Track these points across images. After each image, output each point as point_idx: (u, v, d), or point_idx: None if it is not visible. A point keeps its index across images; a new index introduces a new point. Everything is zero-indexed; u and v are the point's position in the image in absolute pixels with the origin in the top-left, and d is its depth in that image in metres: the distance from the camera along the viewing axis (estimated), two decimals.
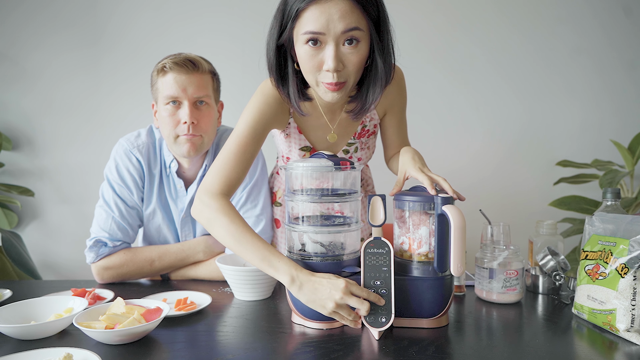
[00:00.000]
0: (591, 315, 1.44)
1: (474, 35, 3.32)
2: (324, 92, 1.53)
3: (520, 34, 3.32)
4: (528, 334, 1.39)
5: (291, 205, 1.49)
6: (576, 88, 3.34)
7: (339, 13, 1.40)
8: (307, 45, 1.46)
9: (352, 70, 1.49)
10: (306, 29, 1.43)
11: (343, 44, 1.45)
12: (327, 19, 1.40)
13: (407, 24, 3.28)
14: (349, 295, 1.34)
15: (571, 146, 3.36)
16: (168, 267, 1.95)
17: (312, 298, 1.36)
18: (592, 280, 1.45)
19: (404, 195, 1.44)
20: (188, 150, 1.90)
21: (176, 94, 1.86)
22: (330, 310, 1.34)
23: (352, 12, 1.41)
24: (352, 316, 1.37)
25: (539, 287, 1.76)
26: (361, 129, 1.86)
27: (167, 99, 1.87)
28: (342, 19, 1.40)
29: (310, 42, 1.45)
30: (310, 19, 1.42)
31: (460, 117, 3.35)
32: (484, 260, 1.66)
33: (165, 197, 2.04)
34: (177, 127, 1.89)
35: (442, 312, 1.42)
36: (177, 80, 1.86)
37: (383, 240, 1.40)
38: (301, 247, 1.45)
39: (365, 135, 1.89)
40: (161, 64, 1.89)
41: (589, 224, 1.55)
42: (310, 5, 1.41)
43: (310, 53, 1.47)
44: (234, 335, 1.38)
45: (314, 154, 1.52)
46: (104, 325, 1.32)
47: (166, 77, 1.87)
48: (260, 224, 1.99)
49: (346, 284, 1.34)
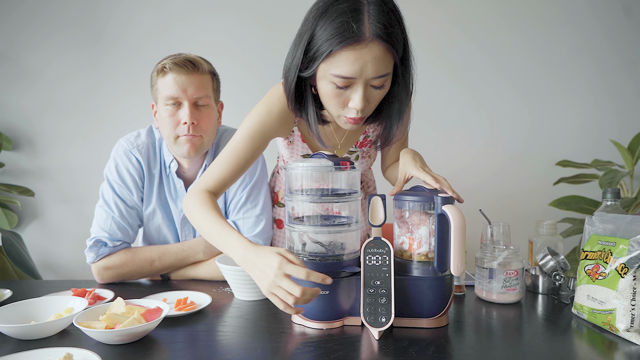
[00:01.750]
0: (591, 315, 1.44)
1: (474, 35, 3.32)
2: (344, 123, 1.55)
3: (521, 34, 3.32)
4: (528, 334, 1.39)
5: (291, 205, 1.49)
6: (576, 88, 3.35)
7: (373, 60, 1.38)
8: (334, 84, 1.44)
9: (374, 105, 1.53)
10: (338, 72, 1.40)
11: (370, 86, 1.45)
12: (361, 66, 1.38)
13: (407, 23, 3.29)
14: (281, 277, 1.26)
15: (571, 146, 3.36)
16: (168, 267, 1.95)
17: (253, 277, 1.34)
18: (591, 280, 1.45)
19: (404, 195, 1.45)
20: (188, 151, 1.90)
21: (176, 94, 1.86)
22: (266, 291, 1.29)
23: (385, 56, 1.40)
24: (290, 300, 1.26)
25: (539, 287, 1.76)
26: (363, 139, 1.87)
27: (167, 100, 1.87)
28: (375, 65, 1.39)
29: (339, 83, 1.43)
30: (344, 62, 1.38)
31: (460, 117, 3.35)
32: (484, 260, 1.66)
33: (165, 197, 2.04)
34: (177, 127, 1.89)
35: (442, 312, 1.42)
36: (177, 81, 1.86)
37: (383, 240, 1.41)
38: (301, 247, 1.45)
39: (367, 145, 1.89)
40: (161, 64, 1.88)
41: (588, 224, 1.56)
42: (344, 49, 1.37)
43: (336, 92, 1.46)
44: (234, 335, 1.38)
45: (314, 154, 1.52)
46: (104, 325, 1.32)
47: (166, 77, 1.87)
48: (260, 224, 1.99)
49: (280, 262, 1.27)
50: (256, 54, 3.27)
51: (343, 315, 1.44)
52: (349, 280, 1.42)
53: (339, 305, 1.42)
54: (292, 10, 3.24)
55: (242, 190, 2.00)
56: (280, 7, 3.23)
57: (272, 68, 3.27)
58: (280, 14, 3.23)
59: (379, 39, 1.36)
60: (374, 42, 1.37)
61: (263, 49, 3.26)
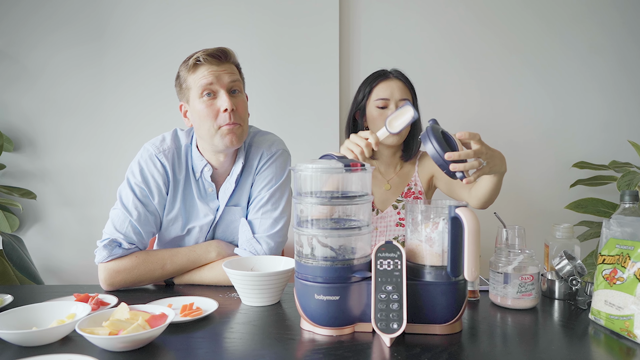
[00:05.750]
0: (608, 321, 1.43)
1: (489, 32, 3.32)
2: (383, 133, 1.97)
3: (538, 30, 3.32)
4: (544, 341, 1.38)
5: (300, 207, 1.49)
6: (594, 87, 3.34)
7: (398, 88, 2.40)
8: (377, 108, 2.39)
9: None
10: (378, 97, 2.40)
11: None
12: (391, 91, 2.39)
13: (426, 16, 3.29)
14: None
15: (588, 147, 3.35)
16: (180, 270, 1.95)
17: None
18: (609, 285, 1.44)
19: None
20: (231, 141, 1.93)
21: (212, 81, 1.90)
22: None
23: (404, 87, 2.42)
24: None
25: (555, 292, 1.76)
26: (407, 190, 2.51)
27: (201, 89, 1.90)
28: (400, 92, 2.39)
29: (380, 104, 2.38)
30: (381, 90, 2.40)
31: (474, 116, 3.35)
32: (499, 265, 1.66)
33: (189, 203, 2.06)
34: (217, 118, 1.91)
35: (456, 318, 1.42)
36: (211, 71, 1.90)
37: (395, 244, 1.40)
38: (310, 252, 1.45)
39: (411, 197, 2.48)
40: (192, 59, 1.91)
41: (606, 227, 1.55)
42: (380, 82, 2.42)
43: (379, 112, 2.39)
44: (241, 342, 1.38)
45: (324, 155, 1.52)
46: (107, 331, 1.32)
47: (198, 71, 1.91)
48: (277, 226, 2.03)
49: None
50: (265, 49, 3.27)
51: (353, 322, 1.43)
52: (359, 285, 1.42)
53: (349, 311, 1.42)
54: (302, 5, 3.27)
55: (267, 190, 2.03)
56: (290, 1, 3.25)
57: (281, 63, 3.29)
58: (290, 8, 3.24)
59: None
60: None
61: (272, 44, 3.27)
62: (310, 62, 3.29)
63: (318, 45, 3.28)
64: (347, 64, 3.35)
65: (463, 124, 3.33)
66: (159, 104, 3.23)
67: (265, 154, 2.07)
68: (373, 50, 3.35)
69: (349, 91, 3.33)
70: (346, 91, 3.34)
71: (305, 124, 3.32)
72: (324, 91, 3.30)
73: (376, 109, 2.38)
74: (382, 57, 3.33)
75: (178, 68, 1.99)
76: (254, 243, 1.98)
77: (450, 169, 1.65)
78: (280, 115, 3.30)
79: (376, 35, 3.35)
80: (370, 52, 3.35)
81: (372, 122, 2.41)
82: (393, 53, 3.34)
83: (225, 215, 2.08)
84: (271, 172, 2.05)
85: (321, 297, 1.40)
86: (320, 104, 3.31)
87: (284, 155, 2.11)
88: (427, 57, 3.33)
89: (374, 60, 3.32)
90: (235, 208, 2.08)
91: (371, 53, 3.35)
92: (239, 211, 2.08)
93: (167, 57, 3.24)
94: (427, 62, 3.31)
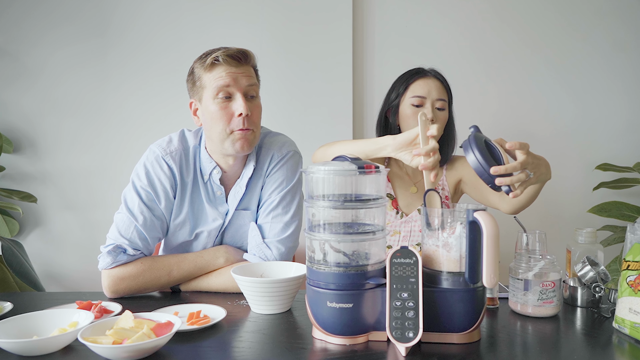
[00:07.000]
0: (633, 329, 1.43)
1: (510, 29, 3.32)
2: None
3: (560, 28, 3.31)
4: (566, 350, 1.38)
5: (311, 211, 1.49)
6: (618, 86, 3.33)
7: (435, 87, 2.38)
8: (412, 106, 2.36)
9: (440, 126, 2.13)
10: (414, 94, 2.36)
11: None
12: (429, 89, 2.36)
13: (447, 12, 3.29)
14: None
15: (612, 148, 3.34)
16: (187, 276, 1.95)
17: None
18: (634, 292, 1.44)
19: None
20: (242, 146, 1.92)
21: (229, 83, 1.89)
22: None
23: (442, 87, 2.41)
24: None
25: (578, 299, 1.75)
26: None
27: (217, 90, 1.89)
28: (437, 91, 2.38)
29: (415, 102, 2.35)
30: (418, 87, 2.37)
31: (493, 115, 3.34)
32: (519, 271, 1.65)
33: (197, 207, 2.06)
34: (230, 122, 1.91)
35: (474, 326, 1.42)
36: (229, 72, 1.90)
37: (410, 249, 1.40)
38: (322, 257, 1.45)
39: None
40: (211, 57, 1.90)
41: (630, 232, 1.55)
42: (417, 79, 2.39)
43: (414, 110, 2.35)
44: (251, 351, 1.39)
45: (337, 157, 1.52)
46: (111, 340, 1.32)
47: (215, 70, 1.90)
48: (288, 230, 2.02)
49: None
50: (276, 46, 3.27)
51: (367, 330, 1.43)
52: (373, 292, 1.42)
53: (363, 319, 1.42)
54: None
55: (277, 193, 2.03)
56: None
57: (292, 60, 3.29)
58: (301, 3, 3.25)
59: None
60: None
61: (283, 40, 3.27)
62: (323, 59, 3.28)
63: (331, 42, 3.27)
64: (360, 61, 3.34)
65: (481, 123, 3.32)
66: (165, 103, 3.23)
67: (276, 155, 2.07)
68: (387, 47, 3.35)
69: (362, 89, 3.34)
70: (360, 89, 3.35)
71: (318, 123, 3.31)
72: (337, 89, 3.29)
73: (411, 107, 2.35)
74: (397, 53, 3.33)
75: (192, 63, 1.98)
76: (264, 248, 1.98)
77: (497, 184, 1.57)
78: (292, 114, 3.30)
79: (391, 32, 3.34)
80: (384, 48, 3.35)
81: (405, 120, 2.38)
82: (408, 49, 3.33)
83: (234, 220, 2.08)
84: (282, 175, 2.05)
85: (334, 305, 1.40)
86: (333, 103, 3.30)
87: (295, 157, 2.11)
88: (444, 54, 3.32)
89: (388, 57, 3.32)
90: (245, 212, 2.08)
91: (386, 50, 3.35)
92: (249, 215, 2.08)
93: (173, 55, 3.25)
94: (444, 59, 3.29)
